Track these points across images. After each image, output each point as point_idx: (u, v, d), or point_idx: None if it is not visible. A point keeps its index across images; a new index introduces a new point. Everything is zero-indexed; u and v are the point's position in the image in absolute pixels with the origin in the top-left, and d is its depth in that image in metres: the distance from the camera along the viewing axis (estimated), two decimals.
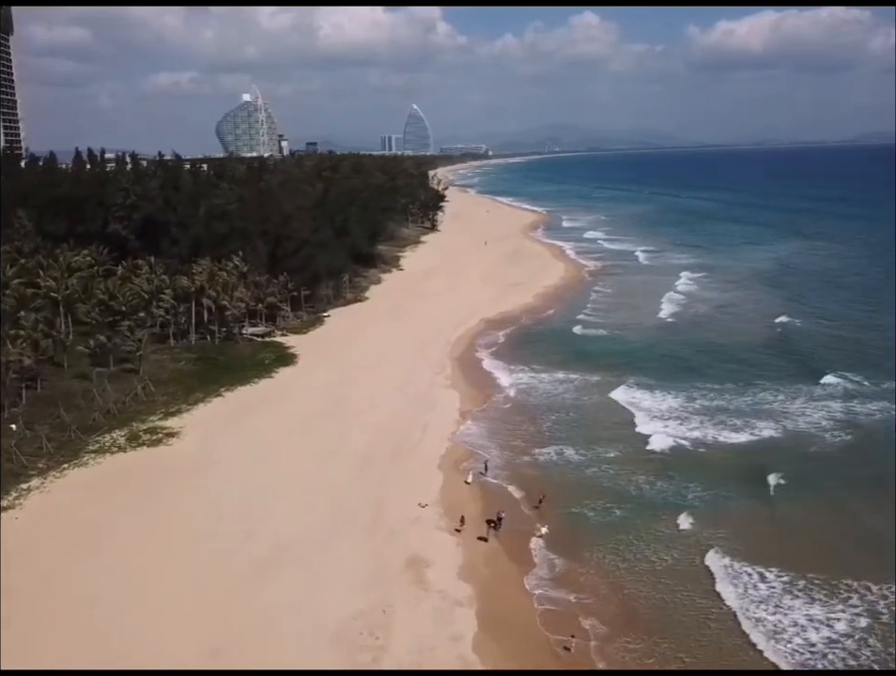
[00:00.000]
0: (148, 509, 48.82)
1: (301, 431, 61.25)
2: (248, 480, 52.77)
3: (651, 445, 60.24)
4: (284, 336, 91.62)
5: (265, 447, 58.18)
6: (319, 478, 53.35)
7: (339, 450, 57.92)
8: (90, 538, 45.24)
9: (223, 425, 62.49)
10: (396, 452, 58.27)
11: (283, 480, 52.80)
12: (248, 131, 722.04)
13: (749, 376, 75.04)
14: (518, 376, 78.01)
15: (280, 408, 66.45)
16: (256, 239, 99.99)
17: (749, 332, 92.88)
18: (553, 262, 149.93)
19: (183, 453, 57.32)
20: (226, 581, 41.14)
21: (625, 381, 74.64)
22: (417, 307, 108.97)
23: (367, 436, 60.86)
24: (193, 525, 46.88)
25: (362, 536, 46.28)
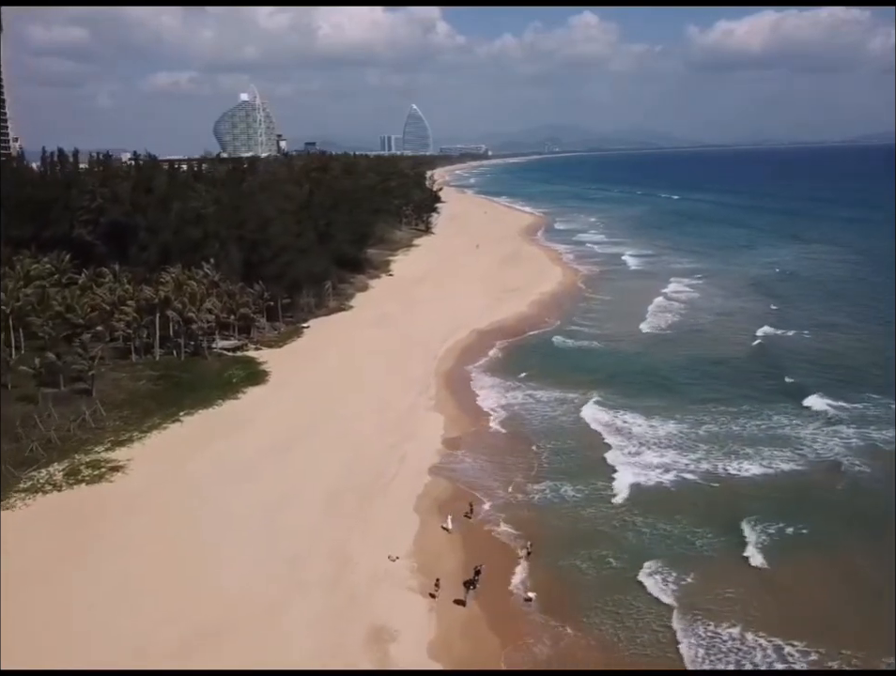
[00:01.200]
0: (65, 568, 42.06)
1: (260, 465, 54.45)
2: (191, 530, 45.88)
3: (648, 482, 53.65)
4: (257, 350, 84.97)
5: (216, 486, 51.38)
6: (274, 525, 46.59)
7: (301, 489, 51.15)
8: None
9: (175, 458, 55.77)
10: (367, 490, 51.54)
11: (232, 528, 46.03)
12: (246, 131, 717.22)
13: (745, 399, 68.40)
14: (511, 396, 71.38)
15: (241, 437, 59.69)
16: (231, 245, 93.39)
17: (741, 345, 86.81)
18: (551, 266, 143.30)
19: (124, 492, 50.56)
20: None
21: (622, 404, 67.99)
22: (404, 316, 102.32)
23: (335, 470, 54.12)
24: (109, 600, 39.53)
25: (319, 599, 39.57)
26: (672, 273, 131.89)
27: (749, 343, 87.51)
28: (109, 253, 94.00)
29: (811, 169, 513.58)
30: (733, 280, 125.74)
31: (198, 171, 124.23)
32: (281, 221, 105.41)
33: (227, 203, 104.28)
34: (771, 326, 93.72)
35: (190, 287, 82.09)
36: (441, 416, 65.93)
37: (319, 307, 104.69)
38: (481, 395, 71.82)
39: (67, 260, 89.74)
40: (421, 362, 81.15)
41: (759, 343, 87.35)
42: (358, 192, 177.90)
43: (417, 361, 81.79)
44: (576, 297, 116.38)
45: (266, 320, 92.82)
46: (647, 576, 42.08)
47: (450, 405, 69.07)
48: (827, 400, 66.86)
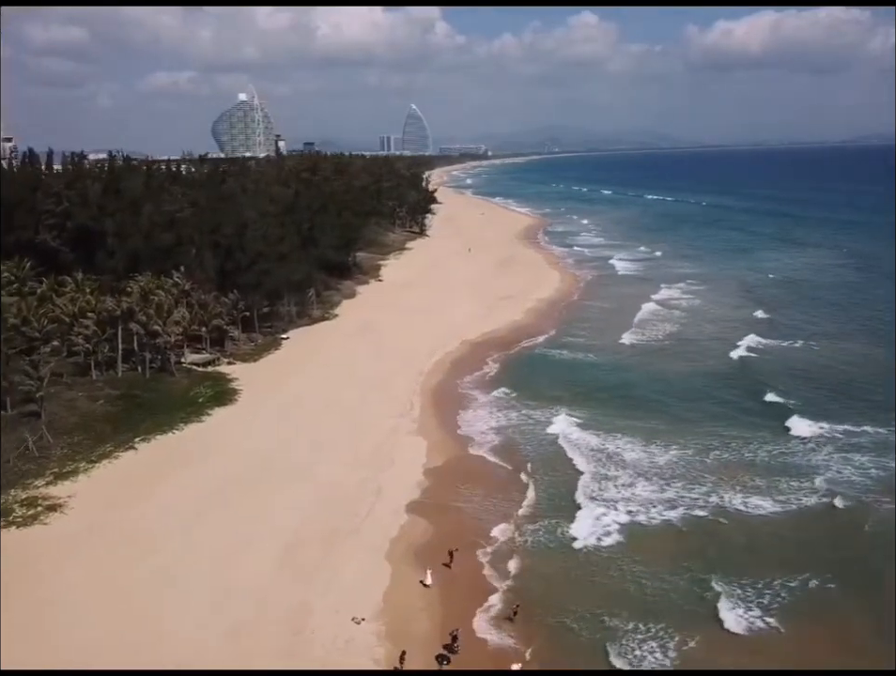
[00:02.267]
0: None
1: (215, 504, 48.54)
2: (125, 589, 39.84)
3: (645, 521, 47.88)
4: (230, 364, 79.10)
5: (163, 531, 45.40)
6: (223, 581, 40.64)
7: (258, 534, 45.24)
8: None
9: (121, 495, 49.85)
10: (334, 533, 45.66)
11: (174, 585, 40.12)
12: (244, 131, 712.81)
13: (739, 424, 62.94)
14: (501, 417, 65.67)
15: (198, 469, 53.78)
16: (205, 251, 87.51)
17: (730, 360, 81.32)
18: (548, 271, 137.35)
19: (57, 537, 44.67)
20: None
21: (618, 428, 62.20)
22: (391, 326, 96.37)
23: (300, 510, 48.22)
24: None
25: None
26: (664, 279, 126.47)
27: (736, 355, 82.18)
28: (75, 259, 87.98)
29: (810, 170, 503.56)
30: (725, 286, 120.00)
31: (177, 172, 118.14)
32: (262, 225, 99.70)
33: (205, 206, 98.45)
34: (760, 336, 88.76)
35: (157, 297, 76.14)
36: (424, 441, 60.07)
37: (301, 316, 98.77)
38: (469, 416, 66.06)
39: (27, 267, 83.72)
40: (405, 378, 75.29)
41: (745, 356, 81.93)
42: (349, 193, 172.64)
43: (401, 376, 75.94)
44: (573, 304, 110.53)
45: (242, 332, 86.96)
46: (642, 643, 36.39)
47: (434, 427, 63.23)
48: (809, 421, 61.98)
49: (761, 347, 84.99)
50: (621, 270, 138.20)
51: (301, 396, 69.08)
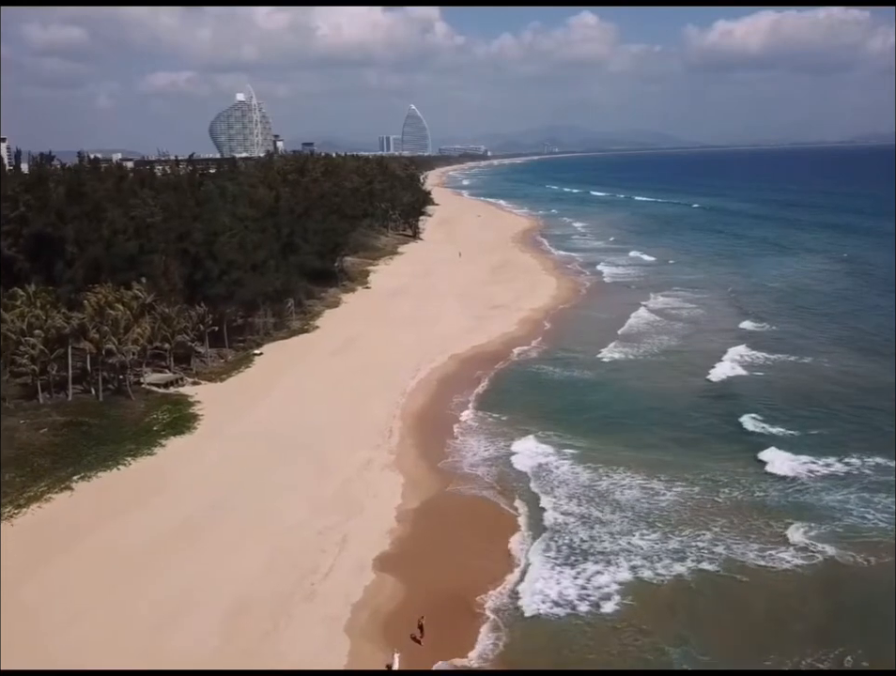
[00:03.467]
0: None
1: (151, 562, 41.88)
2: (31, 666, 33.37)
3: (651, 577, 41.28)
4: (195, 385, 72.55)
5: (83, 598, 38.66)
6: (153, 656, 34.15)
7: (197, 600, 38.61)
8: None
9: (46, 547, 43.25)
10: (287, 597, 39.06)
11: (96, 663, 33.51)
12: (242, 132, 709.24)
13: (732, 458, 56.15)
14: (489, 446, 59.17)
15: (140, 514, 47.17)
16: (171, 261, 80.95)
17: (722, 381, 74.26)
18: (544, 278, 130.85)
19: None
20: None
21: (618, 460, 55.62)
22: (375, 339, 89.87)
23: (250, 567, 41.63)
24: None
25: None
26: (661, 287, 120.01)
27: (726, 374, 75.34)
28: (32, 269, 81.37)
29: (809, 171, 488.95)
30: (716, 295, 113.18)
31: (150, 173, 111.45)
32: (239, 230, 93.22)
33: (176, 211, 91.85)
34: (753, 348, 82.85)
35: (115, 312, 69.49)
36: (401, 477, 53.50)
37: (279, 328, 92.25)
38: (452, 445, 59.57)
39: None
40: (385, 400, 68.73)
41: (739, 376, 75.00)
42: (339, 195, 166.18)
43: (381, 397, 69.38)
44: (569, 315, 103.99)
45: (211, 347, 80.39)
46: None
47: (413, 460, 56.69)
48: (789, 454, 55.63)
49: (756, 364, 78.43)
50: (614, 277, 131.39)
51: (267, 423, 62.41)
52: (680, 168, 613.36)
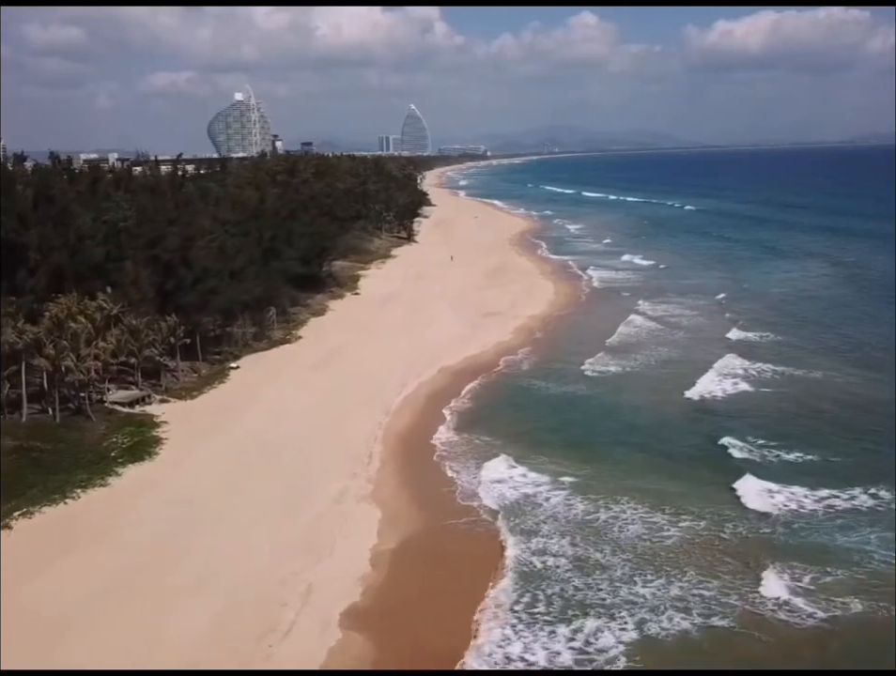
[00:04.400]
0: None
1: (87, 619, 36.74)
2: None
3: (662, 630, 36.24)
4: (163, 402, 67.43)
5: (10, 658, 33.70)
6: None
7: (139, 665, 33.55)
8: None
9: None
10: (239, 661, 33.96)
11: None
12: (240, 131, 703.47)
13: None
14: (476, 472, 54.08)
15: (82, 559, 42.00)
16: (140, 268, 75.88)
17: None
18: (541, 282, 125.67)
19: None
20: None
21: (622, 489, 50.58)
22: (361, 350, 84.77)
23: (199, 624, 36.46)
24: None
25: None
26: (660, 292, 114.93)
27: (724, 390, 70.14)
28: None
29: (809, 172, 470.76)
30: (709, 302, 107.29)
31: (128, 175, 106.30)
32: (218, 235, 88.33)
33: (152, 214, 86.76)
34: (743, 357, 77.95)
35: (77, 325, 64.39)
36: (378, 511, 48.42)
37: (260, 338, 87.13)
38: (438, 472, 54.55)
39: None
40: (367, 419, 63.64)
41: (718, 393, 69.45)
42: (331, 196, 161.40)
43: (363, 416, 64.29)
44: (568, 322, 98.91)
45: (183, 360, 75.29)
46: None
47: (394, 490, 51.64)
48: (768, 483, 50.69)
49: (744, 377, 73.06)
50: (612, 282, 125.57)
51: (235, 448, 57.26)
52: (680, 168, 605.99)
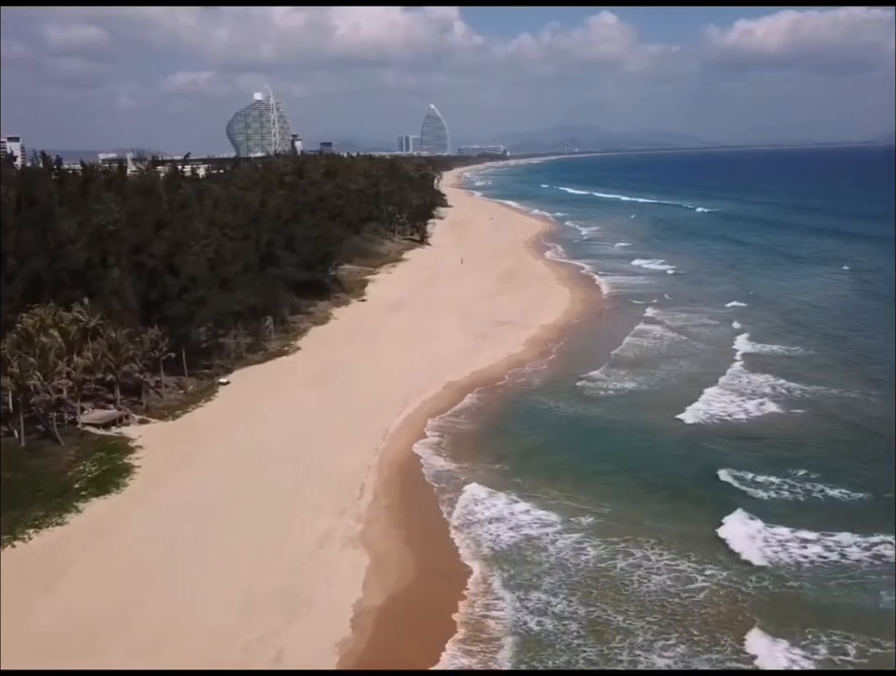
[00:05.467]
0: None
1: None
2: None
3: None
4: (142, 423, 62.16)
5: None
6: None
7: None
8: None
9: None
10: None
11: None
12: (259, 131, 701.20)
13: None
14: (481, 511, 48.43)
15: (13, 620, 36.65)
16: (124, 276, 70.76)
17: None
18: (557, 288, 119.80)
19: None
20: None
21: (640, 533, 44.77)
22: (361, 363, 79.28)
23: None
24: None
25: None
26: (680, 300, 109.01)
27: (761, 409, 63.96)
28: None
29: (827, 173, 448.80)
30: (718, 311, 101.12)
31: (121, 175, 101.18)
32: (215, 239, 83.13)
33: (140, 218, 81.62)
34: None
35: (48, 339, 59.28)
36: (366, 556, 42.84)
37: (255, 350, 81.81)
38: (436, 509, 48.89)
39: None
40: (362, 445, 58.11)
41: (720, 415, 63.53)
42: (342, 197, 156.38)
43: (358, 441, 58.76)
44: (584, 332, 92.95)
45: (169, 375, 70.02)
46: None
47: (385, 530, 46.01)
48: (760, 522, 45.49)
49: (747, 394, 67.38)
50: (632, 288, 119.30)
51: (212, 478, 51.79)
52: (698, 169, 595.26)
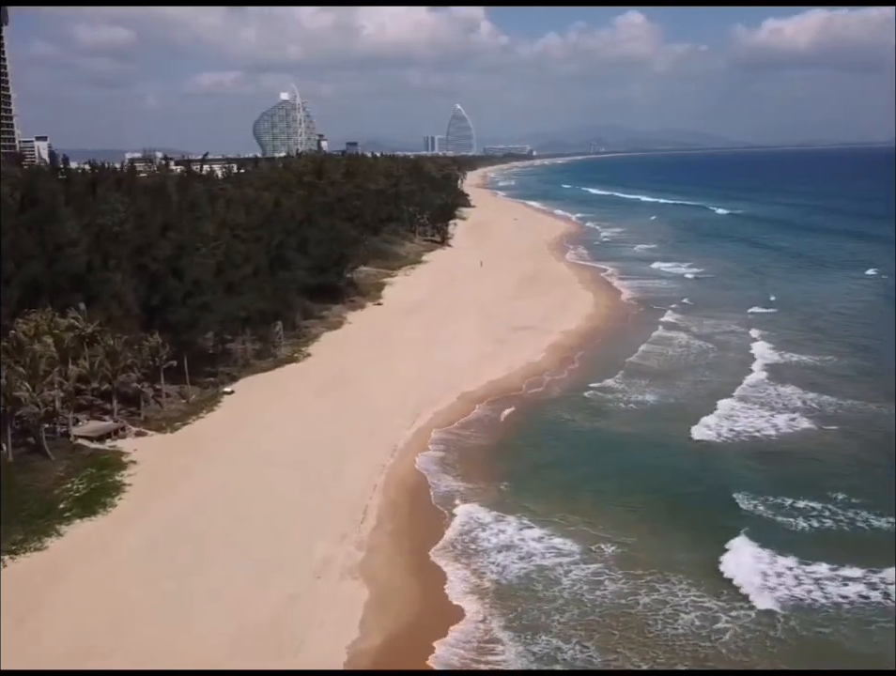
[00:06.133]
0: None
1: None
2: None
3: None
4: (139, 436, 59.10)
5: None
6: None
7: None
8: None
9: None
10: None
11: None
12: (286, 131, 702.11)
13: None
14: (489, 534, 44.90)
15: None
16: (125, 280, 67.85)
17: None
18: (580, 292, 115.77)
19: None
20: None
21: (665, 567, 40.94)
22: (374, 370, 75.89)
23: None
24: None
25: None
26: (704, 305, 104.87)
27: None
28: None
29: (855, 174, 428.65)
30: (738, 318, 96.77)
31: (130, 175, 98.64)
32: (224, 241, 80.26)
33: (147, 219, 78.86)
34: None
35: (41, 347, 56.36)
36: (366, 590, 39.35)
37: (264, 356, 78.62)
38: (442, 534, 45.25)
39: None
40: (368, 460, 54.71)
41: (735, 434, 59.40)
42: (361, 198, 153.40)
43: (364, 456, 55.35)
44: (607, 339, 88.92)
45: (172, 383, 66.98)
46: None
47: (388, 559, 42.55)
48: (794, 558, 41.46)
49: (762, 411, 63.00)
50: (657, 292, 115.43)
51: (206, 499, 48.48)
52: (725, 169, 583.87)
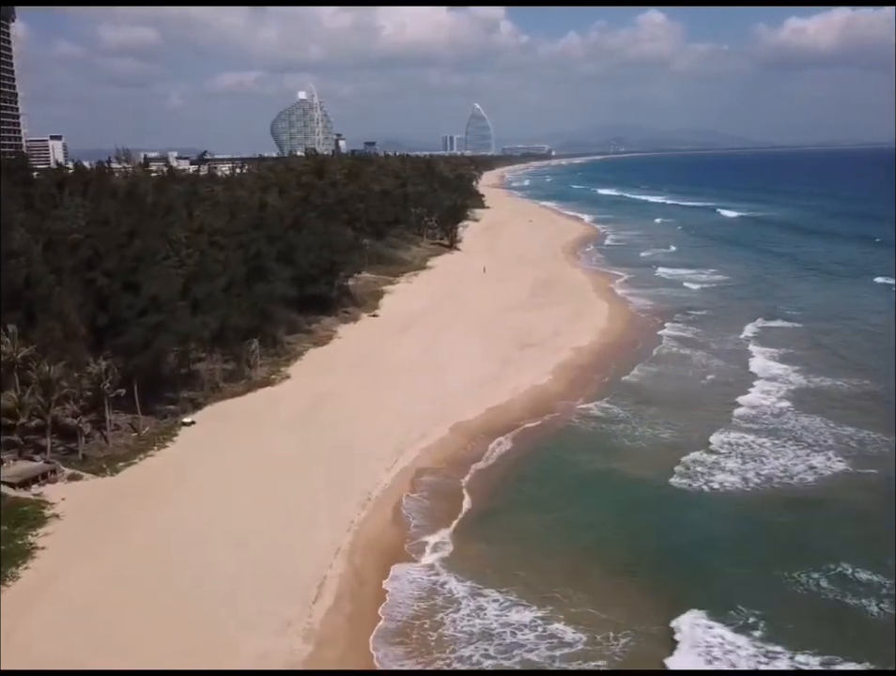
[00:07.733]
0: None
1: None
2: None
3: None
4: (73, 479, 50.73)
5: None
6: None
7: None
8: None
9: None
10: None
11: None
12: (303, 130, 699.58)
13: None
14: (478, 619, 36.33)
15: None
16: (71, 296, 59.63)
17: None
18: (594, 301, 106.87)
19: None
20: None
21: None
22: (358, 396, 67.21)
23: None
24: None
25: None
26: (722, 320, 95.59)
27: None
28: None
29: (876, 175, 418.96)
30: (744, 333, 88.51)
31: (99, 176, 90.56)
32: (197, 249, 72.28)
33: (106, 227, 70.64)
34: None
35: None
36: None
37: (237, 378, 70.20)
38: (415, 619, 36.60)
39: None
40: (335, 515, 46.03)
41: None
42: (365, 200, 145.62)
43: (329, 509, 46.68)
44: (624, 357, 79.93)
45: (128, 412, 58.69)
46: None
47: (340, 657, 33.93)
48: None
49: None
50: (679, 302, 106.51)
51: (126, 570, 39.80)
52: (744, 169, 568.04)
